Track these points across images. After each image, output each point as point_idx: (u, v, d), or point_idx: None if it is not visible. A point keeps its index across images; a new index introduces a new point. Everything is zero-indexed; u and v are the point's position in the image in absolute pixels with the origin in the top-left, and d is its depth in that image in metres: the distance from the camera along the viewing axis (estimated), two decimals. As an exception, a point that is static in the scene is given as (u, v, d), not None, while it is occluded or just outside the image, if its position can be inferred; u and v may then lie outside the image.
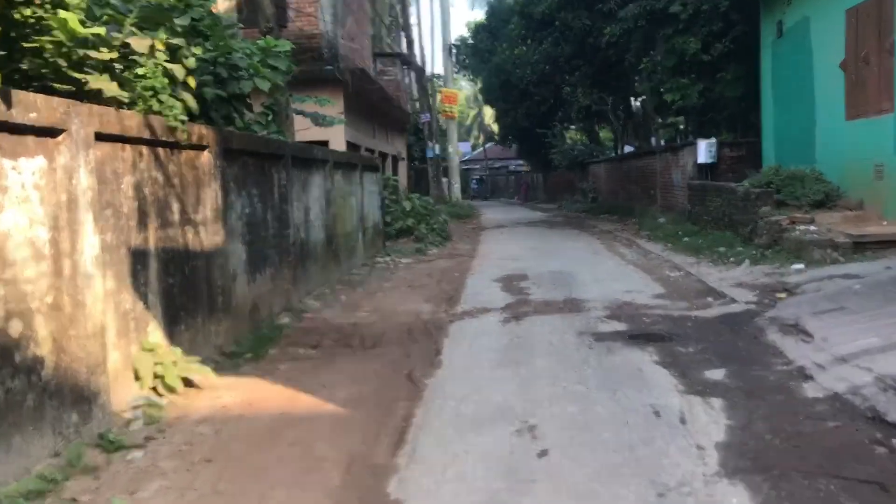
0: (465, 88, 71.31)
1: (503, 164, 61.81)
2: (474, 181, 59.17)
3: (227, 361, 6.32)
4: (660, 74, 17.81)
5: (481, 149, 67.79)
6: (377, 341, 7.25)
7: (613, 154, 34.00)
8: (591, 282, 10.37)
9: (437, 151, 27.66)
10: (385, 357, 6.57)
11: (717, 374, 5.43)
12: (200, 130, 6.21)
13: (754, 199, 11.55)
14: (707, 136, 16.64)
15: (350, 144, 17.56)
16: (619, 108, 33.62)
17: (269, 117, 11.67)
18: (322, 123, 12.01)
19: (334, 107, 15.61)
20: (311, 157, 9.80)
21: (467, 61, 44.61)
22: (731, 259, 11.03)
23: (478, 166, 63.34)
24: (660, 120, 28.25)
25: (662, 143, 27.94)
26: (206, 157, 6.36)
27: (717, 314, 7.60)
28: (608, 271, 11.43)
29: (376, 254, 14.24)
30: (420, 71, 28.82)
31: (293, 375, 6.01)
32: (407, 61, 27.87)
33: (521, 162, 55.29)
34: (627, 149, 34.39)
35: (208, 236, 6.39)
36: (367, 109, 20.48)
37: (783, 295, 7.87)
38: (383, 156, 23.51)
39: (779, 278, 8.84)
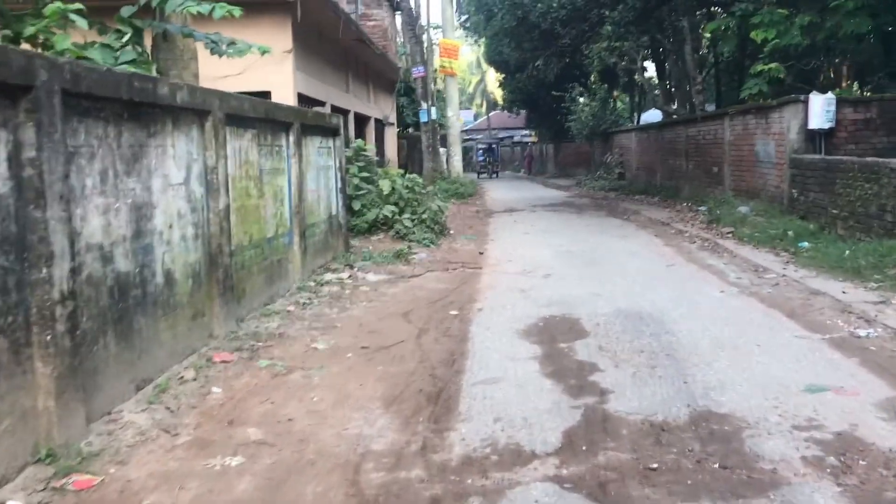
0: (466, 54, 65.68)
1: (508, 133, 56.49)
2: (480, 151, 44.53)
3: None
4: (746, 3, 12.64)
5: (484, 118, 62.55)
6: None
7: (632, 123, 28.86)
8: (714, 348, 5.38)
9: (434, 115, 22.50)
10: None
11: None
12: None
13: (983, 187, 6.51)
14: (796, 91, 11.55)
15: (306, 99, 12.45)
16: (640, 68, 28.44)
17: (125, 39, 6.69)
18: (223, 51, 6.92)
19: (268, 37, 10.54)
20: (152, 100, 4.72)
21: (469, 21, 39.15)
22: (958, 299, 6.03)
23: (480, 136, 57.98)
24: (726, 74, 23.20)
25: (724, 105, 22.87)
26: None
27: None
28: (725, 314, 6.43)
29: (330, 263, 9.24)
30: (413, 17, 23.51)
31: None
32: (396, 4, 22.61)
33: (527, 132, 50.05)
34: (648, 117, 29.23)
35: None
36: (337, 55, 15.31)
37: None
38: (362, 119, 18.39)
39: None
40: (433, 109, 22.03)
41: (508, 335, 5.98)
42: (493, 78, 63.64)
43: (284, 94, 11.31)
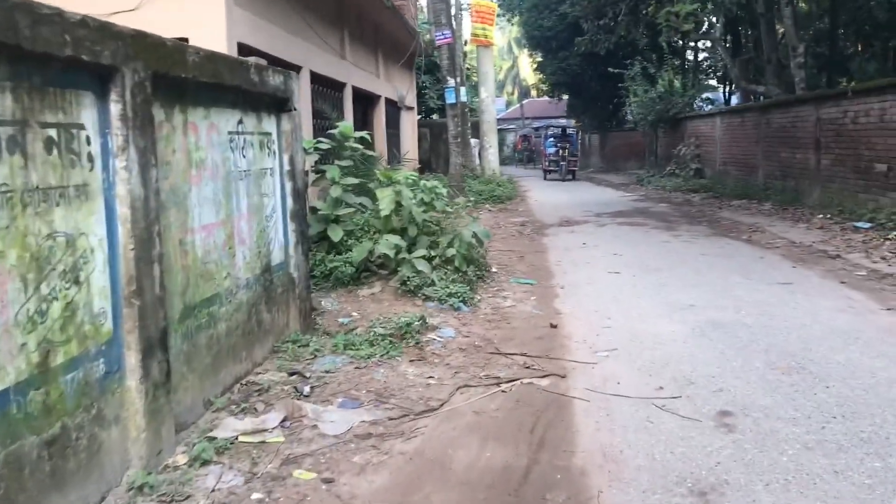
0: (496, 38, 60.49)
1: (543, 123, 51.39)
2: (549, 138, 28.87)
3: None
4: None
5: (517, 106, 57.62)
6: None
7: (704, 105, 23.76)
8: None
9: (464, 97, 17.70)
10: None
11: None
12: None
13: None
14: None
15: (252, 53, 7.69)
16: (719, 38, 23.48)
17: None
18: None
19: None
20: None
21: (501, -1, 34.12)
22: None
23: (512, 126, 53.01)
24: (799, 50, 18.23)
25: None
26: None
27: None
28: None
29: (260, 369, 4.57)
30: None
31: None
32: (416, -44, 17.80)
33: (567, 121, 44.95)
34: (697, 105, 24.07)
35: None
36: (325, 5, 10.62)
37: None
38: (367, 98, 13.68)
39: None
40: (462, 89, 17.22)
41: None
42: (525, 63, 58.58)
43: (213, 44, 6.62)
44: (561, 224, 12.95)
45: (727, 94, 30.72)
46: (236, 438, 3.59)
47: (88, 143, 2.94)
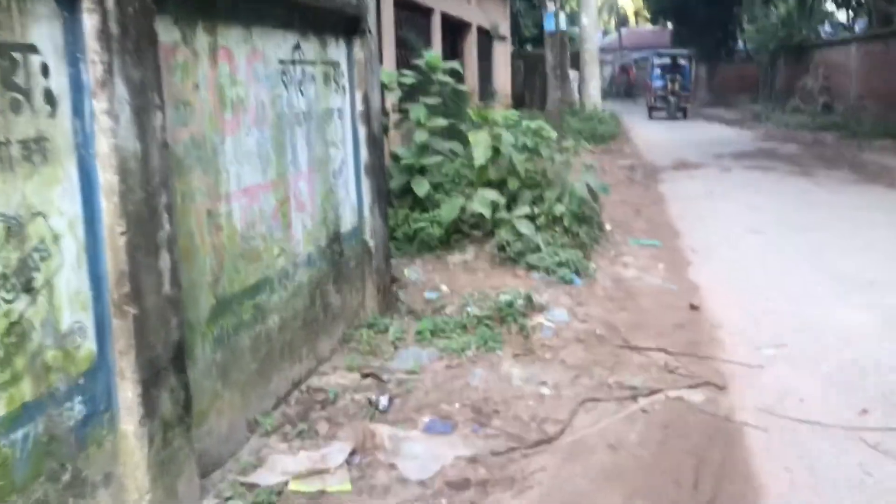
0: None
1: (643, 53, 48.23)
2: (656, 69, 24.59)
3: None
4: None
5: (614, 35, 54.32)
6: None
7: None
8: None
9: (563, 25, 16.03)
10: None
11: None
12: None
13: None
14: None
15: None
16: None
17: None
18: None
19: None
20: None
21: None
22: None
23: (609, 57, 49.99)
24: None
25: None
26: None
27: None
28: None
29: (325, 365, 3.60)
30: None
31: None
32: None
33: (672, 51, 41.93)
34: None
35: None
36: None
37: None
38: (456, 25, 12.37)
39: None
40: (562, 16, 15.58)
41: None
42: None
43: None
44: (676, 168, 11.45)
45: (850, 19, 27.52)
46: (286, 485, 2.63)
47: (46, 74, 1.92)
